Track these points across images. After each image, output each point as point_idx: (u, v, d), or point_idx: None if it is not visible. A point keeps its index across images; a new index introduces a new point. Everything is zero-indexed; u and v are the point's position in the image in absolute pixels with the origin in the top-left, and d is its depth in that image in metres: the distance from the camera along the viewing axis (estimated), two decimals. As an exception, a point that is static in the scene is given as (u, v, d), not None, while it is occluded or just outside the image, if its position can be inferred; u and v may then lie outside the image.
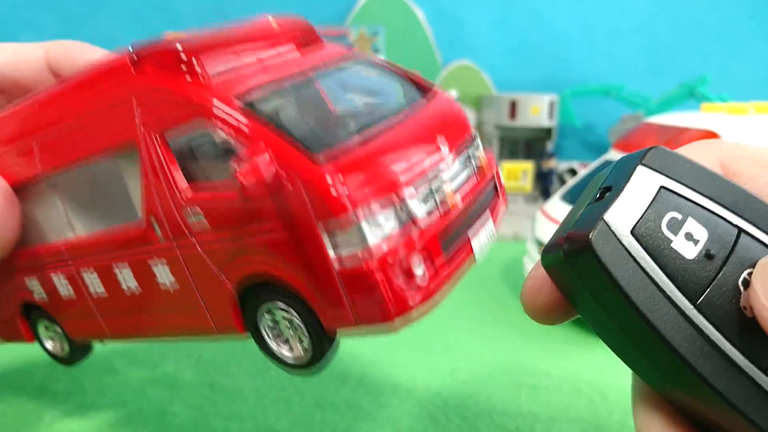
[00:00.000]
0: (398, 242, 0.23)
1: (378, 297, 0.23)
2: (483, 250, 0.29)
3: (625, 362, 0.21)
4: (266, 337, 0.29)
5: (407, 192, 0.24)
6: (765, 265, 0.18)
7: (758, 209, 0.19)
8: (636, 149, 0.21)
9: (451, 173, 0.28)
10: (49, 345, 0.40)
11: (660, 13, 1.23)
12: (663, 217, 0.19)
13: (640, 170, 0.20)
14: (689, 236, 0.19)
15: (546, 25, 1.23)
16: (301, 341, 0.28)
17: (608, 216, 0.19)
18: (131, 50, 0.28)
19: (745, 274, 0.18)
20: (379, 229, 0.23)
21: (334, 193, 0.22)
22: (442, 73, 1.21)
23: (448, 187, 0.27)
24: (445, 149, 0.28)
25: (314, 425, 0.46)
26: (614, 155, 0.70)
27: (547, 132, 1.14)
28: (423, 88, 0.33)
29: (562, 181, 1.13)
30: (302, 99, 0.29)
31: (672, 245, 0.19)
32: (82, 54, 0.36)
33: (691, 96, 1.02)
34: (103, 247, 0.33)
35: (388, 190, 0.24)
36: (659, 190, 0.19)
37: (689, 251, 0.19)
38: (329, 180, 0.22)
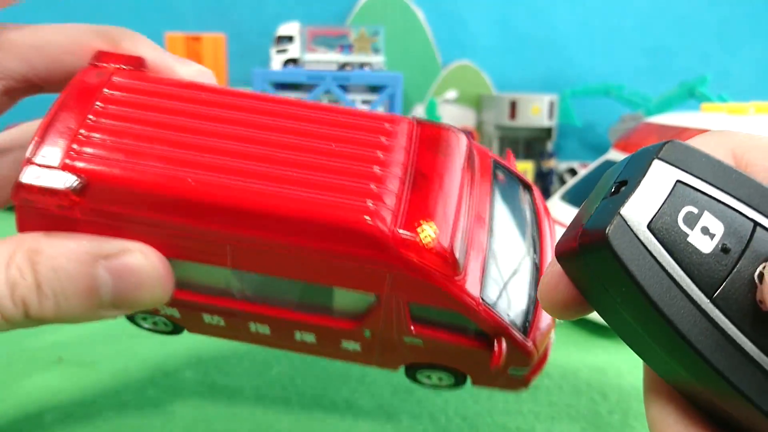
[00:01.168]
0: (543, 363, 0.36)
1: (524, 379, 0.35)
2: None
3: (640, 356, 0.21)
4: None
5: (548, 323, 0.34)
6: None
7: None
8: (636, 149, 0.21)
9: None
10: (145, 325, 0.38)
11: (660, 13, 1.23)
12: (679, 211, 0.19)
13: (657, 164, 0.20)
14: (705, 230, 0.19)
15: (546, 25, 1.23)
16: (441, 379, 0.36)
17: (625, 211, 0.19)
18: (390, 234, 0.27)
19: (761, 268, 0.18)
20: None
21: (533, 354, 0.32)
22: (442, 73, 1.21)
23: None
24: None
25: (314, 425, 0.46)
26: (614, 155, 0.70)
27: (547, 132, 1.14)
28: (527, 185, 0.40)
29: (562, 181, 1.13)
30: (498, 270, 0.33)
31: (688, 239, 0.19)
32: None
33: (691, 96, 1.02)
34: (286, 321, 0.32)
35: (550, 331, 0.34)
36: (675, 184, 0.19)
37: (706, 245, 0.19)
38: (533, 350, 0.32)
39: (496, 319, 0.30)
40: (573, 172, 1.14)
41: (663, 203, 0.19)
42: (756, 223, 0.19)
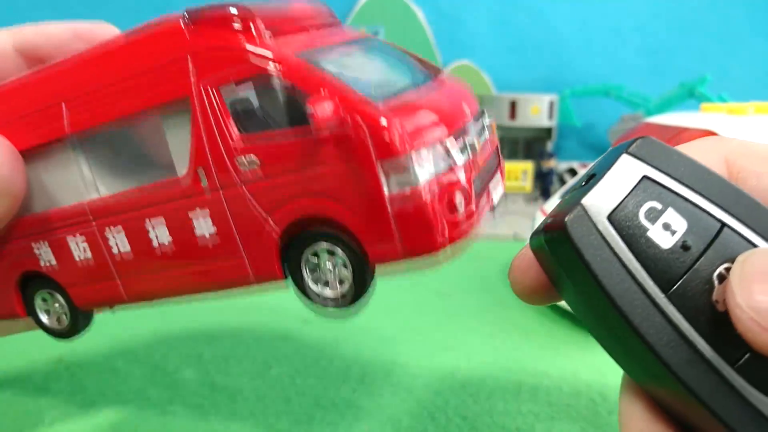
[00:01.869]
0: (445, 181, 0.27)
1: (427, 228, 0.26)
2: (497, 198, 0.33)
3: (603, 347, 0.21)
4: (307, 279, 0.31)
5: (450, 141, 0.28)
6: (743, 263, 0.18)
7: (746, 205, 0.19)
8: None
9: (475, 132, 0.32)
10: (45, 318, 0.40)
11: (660, 13, 1.23)
12: (642, 205, 0.19)
13: (624, 158, 0.20)
14: (667, 226, 0.19)
15: (546, 25, 1.23)
16: (341, 282, 0.30)
17: (586, 200, 0.19)
18: (184, 14, 0.29)
19: (721, 269, 0.18)
20: (428, 169, 0.26)
21: (396, 136, 0.26)
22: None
23: (475, 142, 0.30)
24: (468, 112, 0.32)
25: (314, 425, 0.46)
26: (614, 155, 0.70)
27: (547, 132, 1.14)
28: (434, 69, 0.37)
29: (562, 181, 1.13)
30: (349, 61, 0.32)
31: (648, 234, 0.19)
32: (58, 26, 0.35)
33: (691, 96, 1.02)
34: (134, 204, 0.33)
35: (438, 138, 0.27)
36: (642, 179, 0.20)
37: (665, 241, 0.19)
38: (391, 124, 0.26)
39: (315, 71, 0.27)
40: (573, 172, 1.14)
41: (626, 196, 0.19)
42: (723, 224, 0.19)
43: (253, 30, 0.28)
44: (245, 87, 0.30)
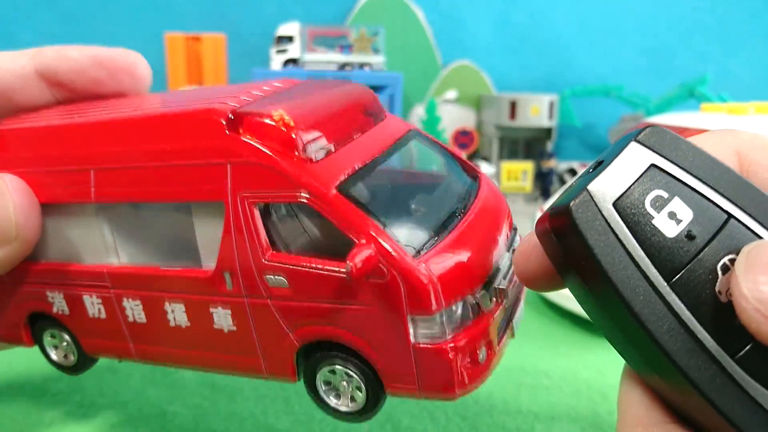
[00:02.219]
0: (471, 333, 0.27)
1: (448, 379, 0.27)
2: (518, 326, 0.33)
3: (604, 335, 0.21)
4: (320, 389, 0.31)
5: (482, 292, 0.28)
6: (748, 254, 0.18)
7: (754, 197, 0.19)
8: None
9: (505, 266, 0.30)
10: (53, 353, 0.40)
11: (660, 13, 1.23)
12: (648, 193, 0.19)
13: (633, 146, 0.20)
14: (672, 215, 0.19)
15: (546, 25, 1.23)
16: (353, 399, 0.30)
17: (592, 186, 0.19)
18: (229, 114, 0.28)
19: (726, 260, 0.18)
20: (456, 322, 0.27)
21: (431, 295, 0.26)
22: (442, 73, 1.21)
23: (504, 281, 0.30)
24: (502, 244, 0.31)
25: (314, 425, 0.46)
26: (614, 155, 0.70)
27: (547, 132, 1.14)
28: (469, 168, 0.35)
29: (562, 181, 1.13)
30: (391, 183, 0.31)
31: (653, 221, 0.19)
32: (80, 51, 0.35)
33: (691, 96, 1.02)
34: (154, 284, 0.32)
35: (469, 289, 0.27)
36: (649, 167, 0.20)
37: (670, 230, 0.19)
38: (428, 283, 0.26)
39: (357, 214, 0.26)
40: (573, 172, 1.14)
41: (632, 184, 0.19)
42: (730, 216, 0.19)
43: (296, 151, 0.27)
44: (283, 206, 0.29)
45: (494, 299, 0.29)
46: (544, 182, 1.13)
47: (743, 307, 0.17)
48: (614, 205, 0.19)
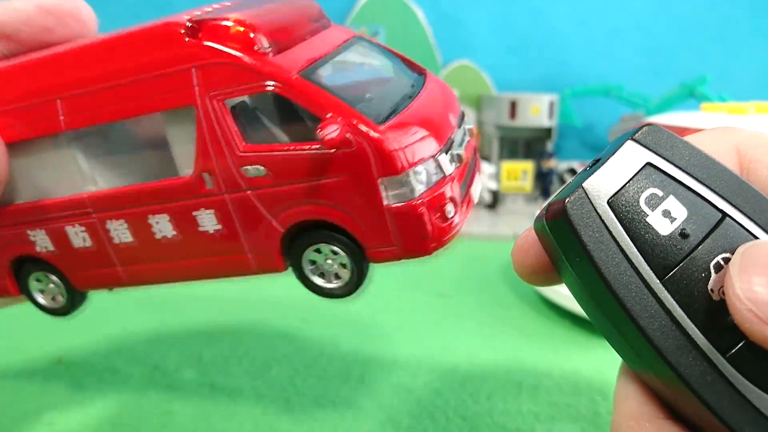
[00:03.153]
0: (437, 192, 0.30)
1: (422, 235, 0.30)
2: (478, 196, 0.36)
3: (599, 331, 0.21)
4: (307, 272, 0.33)
5: (442, 156, 0.30)
6: (743, 254, 0.18)
7: (750, 197, 0.19)
8: None
9: (458, 138, 0.34)
10: (40, 298, 0.39)
11: (660, 13, 1.23)
12: (643, 191, 0.19)
13: (629, 145, 0.20)
14: (667, 213, 0.19)
15: (546, 25, 1.23)
16: (338, 277, 0.32)
17: (587, 183, 0.20)
18: (186, 23, 0.29)
19: (719, 258, 0.18)
20: (423, 183, 0.29)
21: (397, 157, 0.28)
22: (442, 73, 1.21)
23: (461, 149, 0.33)
24: (453, 121, 0.34)
25: (314, 425, 0.46)
26: (614, 155, 0.70)
27: (547, 132, 1.14)
28: (416, 66, 0.38)
29: (562, 181, 1.13)
30: (347, 74, 0.33)
31: (647, 219, 0.19)
32: (23, 1, 0.35)
33: (691, 96, 1.02)
34: (135, 200, 0.33)
35: (430, 153, 0.30)
36: (644, 165, 0.20)
37: (664, 227, 0.19)
38: (393, 147, 0.28)
39: (322, 93, 0.29)
40: (573, 172, 1.14)
41: (628, 182, 0.20)
42: (725, 214, 0.19)
43: (256, 47, 0.29)
44: (251, 100, 0.31)
45: (454, 163, 0.31)
46: (544, 182, 1.13)
47: (737, 308, 0.17)
48: (609, 202, 0.19)
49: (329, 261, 0.32)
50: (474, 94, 1.21)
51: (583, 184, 0.20)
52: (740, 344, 0.18)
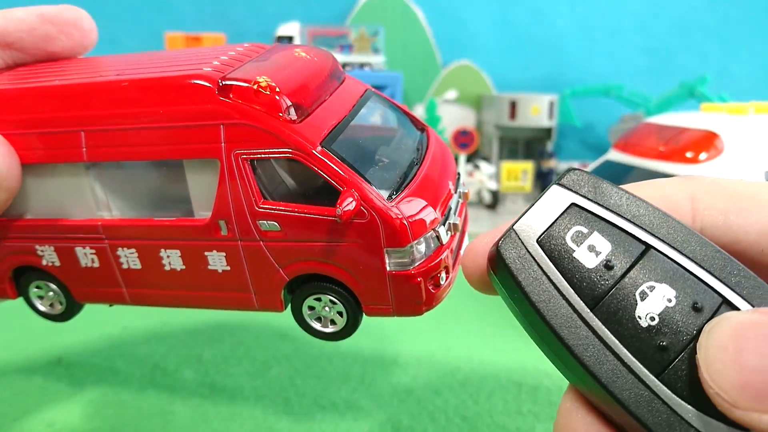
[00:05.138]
0: (434, 262, 0.32)
1: (416, 300, 0.32)
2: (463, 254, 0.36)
3: (545, 354, 0.23)
4: (306, 316, 0.35)
5: (441, 228, 0.32)
6: (708, 335, 0.18)
7: (674, 228, 0.21)
8: (636, 149, 0.22)
9: (455, 205, 0.36)
10: (38, 304, 0.40)
11: (660, 13, 1.23)
12: (569, 229, 0.21)
13: (554, 189, 0.22)
14: (592, 248, 0.21)
15: (546, 25, 1.23)
16: (333, 323, 0.35)
17: (517, 225, 0.22)
18: (219, 81, 0.30)
19: (644, 287, 0.20)
20: (422, 253, 0.32)
21: (404, 233, 0.30)
22: (442, 73, 1.21)
23: (455, 217, 0.35)
24: (451, 185, 0.36)
25: (314, 425, 0.46)
26: (614, 155, 0.70)
27: (547, 132, 1.14)
28: (418, 122, 0.40)
29: (562, 181, 1.13)
30: (362, 143, 0.35)
31: (574, 254, 0.21)
32: (25, 10, 0.35)
33: (691, 96, 1.02)
34: (148, 232, 0.34)
35: (430, 226, 0.32)
36: (570, 206, 0.22)
37: (590, 261, 0.21)
38: (400, 222, 0.30)
39: (341, 166, 0.31)
40: (573, 172, 1.14)
41: (554, 222, 0.21)
42: (648, 246, 0.20)
43: (281, 114, 0.31)
44: (273, 161, 0.32)
45: (449, 232, 0.34)
46: (544, 182, 1.13)
47: (709, 393, 0.18)
48: (538, 241, 0.21)
49: (327, 308, 0.34)
50: (474, 94, 1.21)
51: (513, 226, 0.22)
52: (670, 366, 0.19)
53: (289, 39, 1.06)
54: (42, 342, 0.58)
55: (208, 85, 0.30)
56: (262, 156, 0.31)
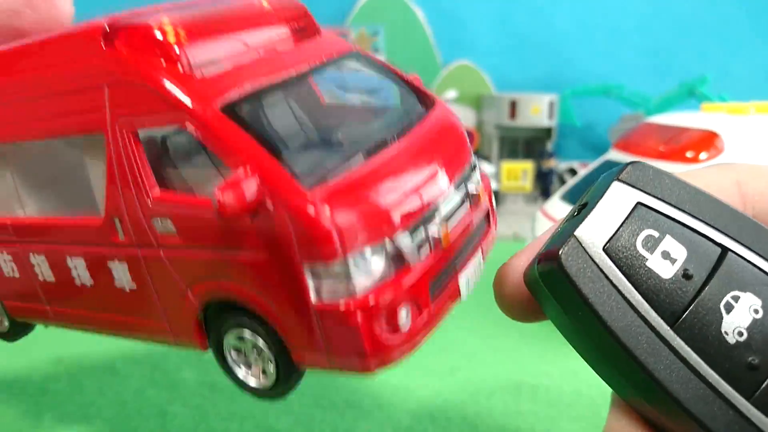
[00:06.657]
0: (390, 291, 0.21)
1: (358, 350, 0.21)
2: (470, 288, 0.27)
3: (600, 376, 0.20)
4: (229, 359, 0.27)
5: (401, 234, 0.22)
6: None
7: (748, 228, 0.18)
8: (636, 149, 0.21)
9: (448, 208, 0.25)
10: None
11: (660, 13, 1.23)
12: (638, 234, 0.18)
13: (616, 186, 0.19)
14: (666, 255, 0.18)
15: (546, 24, 1.23)
16: (264, 372, 0.26)
17: (579, 232, 0.18)
18: (105, 28, 0.24)
19: (728, 297, 0.17)
20: (370, 275, 0.21)
21: (328, 236, 0.20)
22: (442, 73, 1.21)
23: (443, 225, 0.25)
24: (444, 181, 0.25)
25: (314, 425, 0.46)
26: (614, 155, 0.70)
27: (547, 132, 1.14)
28: (422, 96, 0.30)
29: (562, 181, 1.13)
30: (294, 104, 0.27)
31: (647, 264, 0.18)
32: None
33: (691, 96, 1.02)
34: (56, 235, 0.30)
35: (383, 232, 0.21)
36: (636, 206, 0.19)
37: (666, 270, 0.18)
38: (324, 220, 0.20)
39: (243, 136, 0.21)
40: (573, 171, 1.14)
41: (621, 225, 0.18)
42: (725, 249, 0.18)
43: (177, 56, 0.23)
44: (164, 131, 0.26)
45: (425, 246, 0.23)
46: (544, 182, 1.13)
47: None
48: (605, 249, 0.18)
49: (255, 353, 0.26)
50: (474, 94, 1.21)
51: (575, 233, 0.18)
52: (762, 386, 0.17)
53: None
54: (42, 342, 0.58)
55: (94, 34, 0.24)
56: (145, 124, 0.24)
